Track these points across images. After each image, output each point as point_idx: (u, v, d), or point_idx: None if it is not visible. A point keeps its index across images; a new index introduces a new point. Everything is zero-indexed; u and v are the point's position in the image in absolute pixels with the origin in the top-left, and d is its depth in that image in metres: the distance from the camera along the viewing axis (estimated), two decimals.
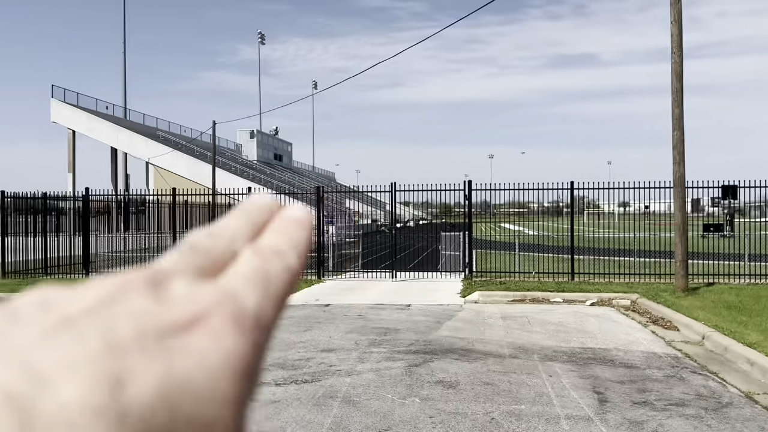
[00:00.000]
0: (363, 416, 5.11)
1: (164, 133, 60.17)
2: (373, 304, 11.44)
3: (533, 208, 39.99)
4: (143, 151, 50.65)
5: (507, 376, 6.37)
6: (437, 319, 9.83)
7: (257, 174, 63.30)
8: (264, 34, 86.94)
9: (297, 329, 9.00)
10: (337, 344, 7.93)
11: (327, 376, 6.39)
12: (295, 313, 10.59)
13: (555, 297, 12.20)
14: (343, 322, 9.53)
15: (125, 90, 55.92)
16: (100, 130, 49.67)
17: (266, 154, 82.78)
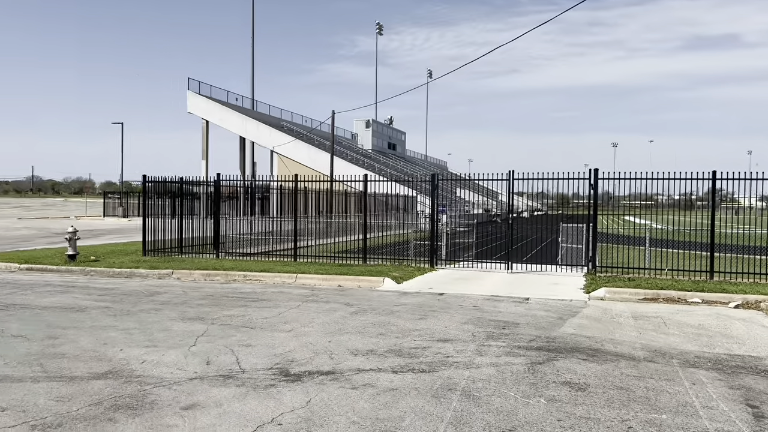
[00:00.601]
0: (484, 413, 4.86)
1: (287, 123, 63.01)
2: (489, 296, 11.08)
3: (661, 201, 36.66)
4: (268, 140, 53.39)
5: (643, 381, 5.81)
6: (559, 315, 9.28)
7: (372, 162, 64.42)
8: (382, 25, 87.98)
9: (411, 317, 8.91)
10: (452, 335, 7.73)
11: (444, 367, 6.21)
12: (408, 300, 10.52)
13: (692, 297, 11.09)
14: (458, 313, 9.30)
15: (253, 83, 59.18)
16: (231, 121, 53.02)
17: (380, 143, 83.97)
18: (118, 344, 7.13)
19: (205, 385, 5.58)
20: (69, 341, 7.26)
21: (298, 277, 13.29)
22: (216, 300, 10.44)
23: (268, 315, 9.03)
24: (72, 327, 8.10)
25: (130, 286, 12.25)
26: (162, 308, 9.57)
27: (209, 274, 13.79)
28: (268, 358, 6.55)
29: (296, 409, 4.92)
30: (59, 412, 4.82)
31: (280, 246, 19.17)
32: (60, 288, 11.78)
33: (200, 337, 7.50)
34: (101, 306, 9.76)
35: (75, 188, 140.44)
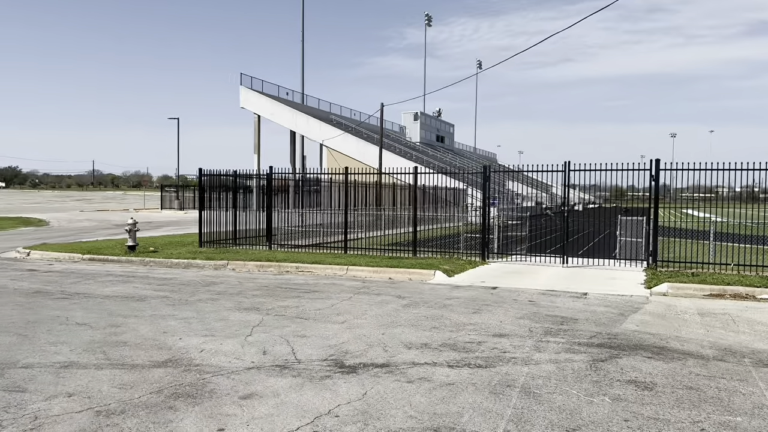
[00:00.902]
0: (546, 411, 4.70)
1: (336, 117, 63.45)
2: (545, 290, 10.79)
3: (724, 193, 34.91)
4: (318, 134, 53.91)
5: (714, 381, 5.49)
6: (620, 311, 8.93)
7: (420, 155, 64.15)
8: (431, 16, 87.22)
9: (465, 311, 8.76)
10: (508, 330, 7.54)
11: (501, 362, 6.05)
12: (461, 294, 10.36)
13: (762, 293, 10.48)
14: (512, 307, 9.08)
15: (303, 77, 59.76)
16: (281, 115, 53.80)
17: (428, 136, 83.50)
18: (178, 333, 7.29)
19: (262, 374, 5.62)
20: (130, 330, 7.48)
21: (349, 269, 13.32)
22: (270, 291, 10.57)
23: (321, 306, 9.06)
24: (133, 316, 8.35)
25: (188, 276, 12.57)
26: (218, 298, 9.76)
27: (263, 266, 14.00)
28: (323, 349, 6.55)
29: (352, 402, 4.88)
30: (122, 399, 4.95)
31: (330, 238, 19.30)
32: (121, 278, 12.20)
33: (256, 327, 7.59)
34: (160, 295, 10.04)
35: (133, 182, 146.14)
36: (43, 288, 10.75)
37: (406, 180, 25.34)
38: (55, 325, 7.74)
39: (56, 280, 11.83)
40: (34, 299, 9.62)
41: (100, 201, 76.77)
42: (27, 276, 12.34)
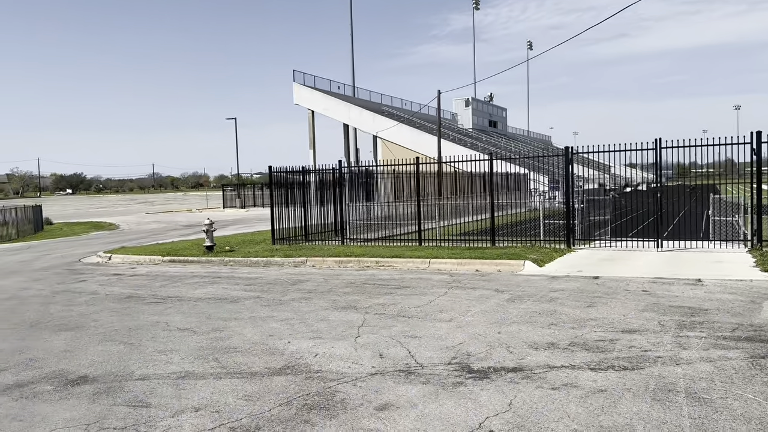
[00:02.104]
0: (729, 420, 4.10)
1: (387, 108, 63.03)
2: (652, 278, 10.01)
3: None
4: (371, 126, 53.67)
5: None
6: (750, 297, 8.12)
7: (474, 141, 62.99)
8: None
9: (576, 304, 8.15)
10: (636, 324, 6.90)
11: (647, 363, 5.46)
12: (563, 285, 9.73)
13: None
14: (627, 299, 8.40)
15: (353, 70, 59.54)
16: (335, 109, 53.81)
17: (481, 122, 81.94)
18: (284, 336, 7.03)
19: (388, 381, 5.24)
20: (235, 334, 7.28)
21: (431, 262, 12.87)
22: (359, 288, 10.25)
23: (419, 303, 8.65)
24: (232, 318, 8.17)
25: (271, 274, 12.43)
26: (310, 297, 9.50)
27: (342, 261, 13.74)
28: (441, 351, 6.12)
29: (500, 413, 4.42)
30: (252, 413, 4.66)
31: (398, 230, 18.93)
32: (207, 279, 12.17)
33: (361, 328, 7.25)
34: (252, 296, 9.88)
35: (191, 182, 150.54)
36: (135, 293, 10.80)
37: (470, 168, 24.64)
38: (158, 331, 7.64)
39: (144, 284, 11.90)
40: (128, 304, 9.63)
41: (162, 202, 79.18)
42: (114, 281, 12.50)
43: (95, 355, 6.59)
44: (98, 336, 7.47)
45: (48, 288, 11.75)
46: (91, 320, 8.48)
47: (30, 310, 9.44)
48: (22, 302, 10.26)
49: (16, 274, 14.30)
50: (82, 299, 10.29)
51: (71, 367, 6.13)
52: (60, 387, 5.52)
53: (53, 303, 10.03)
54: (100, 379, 5.71)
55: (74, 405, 5.01)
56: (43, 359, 6.50)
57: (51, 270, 14.80)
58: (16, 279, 13.35)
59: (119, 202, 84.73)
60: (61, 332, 7.79)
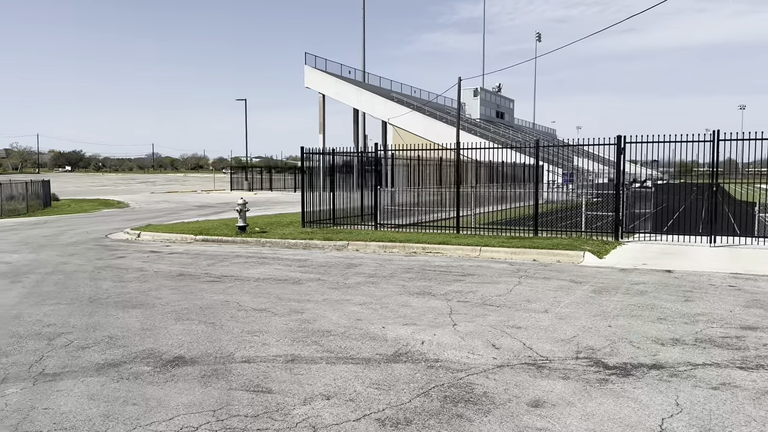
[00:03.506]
0: None
1: (397, 95, 62.33)
2: (729, 273, 9.64)
3: None
4: (383, 112, 53.04)
5: None
6: None
7: (483, 131, 62.49)
8: None
9: (672, 298, 7.76)
10: (751, 321, 6.51)
11: None
12: (639, 278, 9.33)
13: None
14: (720, 294, 8.01)
15: (364, 56, 58.79)
16: (346, 94, 53.12)
17: (488, 112, 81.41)
18: (373, 321, 6.61)
19: (522, 374, 4.83)
20: (319, 317, 6.85)
21: (482, 250, 12.45)
22: (421, 273, 9.82)
23: (498, 292, 8.24)
24: (305, 300, 7.74)
25: (318, 257, 11.98)
26: (376, 281, 9.07)
27: (386, 246, 13.31)
28: (558, 344, 5.71)
29: (675, 414, 4.02)
30: (391, 403, 4.25)
31: (425, 216, 18.53)
32: (253, 259, 11.71)
33: (452, 315, 6.83)
34: (312, 278, 9.44)
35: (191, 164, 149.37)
36: (184, 270, 10.34)
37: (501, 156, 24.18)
38: (232, 311, 7.20)
39: (189, 262, 11.44)
40: (184, 282, 9.17)
41: (163, 183, 78.41)
42: (155, 258, 12.02)
43: (179, 334, 6.14)
44: (171, 314, 7.03)
45: (89, 263, 11.27)
46: (153, 297, 8.03)
47: (81, 285, 8.97)
48: (68, 277, 9.79)
49: (46, 248, 13.79)
50: (131, 276, 9.82)
51: (160, 347, 5.69)
52: (159, 368, 5.08)
53: (102, 279, 9.56)
54: (199, 360, 5.27)
55: (186, 389, 4.58)
56: (124, 337, 6.06)
57: (81, 245, 14.30)
58: (50, 253, 12.85)
59: (120, 181, 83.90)
60: (127, 309, 7.34)
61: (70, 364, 5.22)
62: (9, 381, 4.79)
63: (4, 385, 4.71)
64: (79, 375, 4.92)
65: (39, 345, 5.80)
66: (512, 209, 19.69)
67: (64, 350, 5.62)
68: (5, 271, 10.37)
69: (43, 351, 5.59)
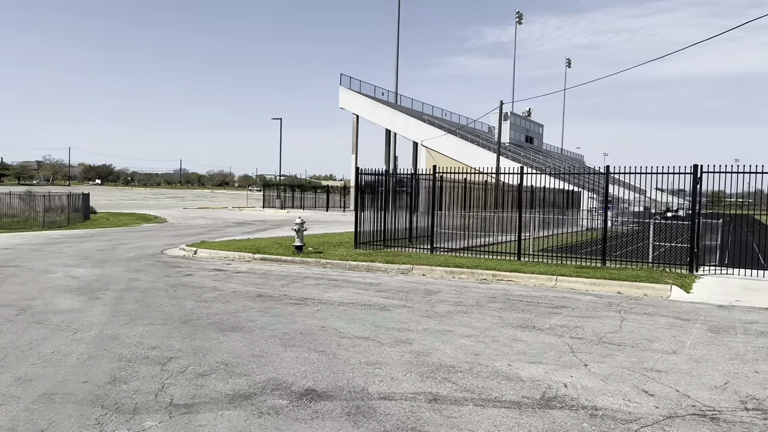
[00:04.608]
0: None
1: (428, 117, 62.34)
2: None
3: None
4: (416, 134, 52.98)
5: None
6: None
7: (514, 155, 62.07)
8: (521, 14, 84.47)
9: None
10: None
11: None
12: (747, 317, 8.76)
13: None
14: None
15: (397, 78, 59.04)
16: (380, 115, 53.25)
17: (518, 136, 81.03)
18: (492, 356, 6.18)
19: (702, 428, 4.37)
20: (431, 349, 6.45)
21: (558, 279, 11.97)
22: (509, 304, 9.38)
23: (607, 328, 7.76)
24: (404, 329, 7.35)
25: (390, 281, 11.61)
26: (467, 311, 8.65)
27: (453, 272, 12.89)
28: (713, 391, 5.23)
29: None
30: None
31: (477, 241, 18.12)
32: (324, 281, 11.38)
33: (576, 354, 6.37)
34: (396, 304, 9.06)
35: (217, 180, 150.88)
36: (261, 291, 10.03)
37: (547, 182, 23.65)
38: (335, 338, 6.83)
39: (260, 282, 11.14)
40: (267, 304, 8.85)
41: (192, 199, 79.05)
42: (224, 277, 11.76)
43: (295, 363, 5.79)
44: (273, 340, 6.68)
45: (159, 281, 11.04)
46: (245, 320, 7.71)
47: (164, 305, 8.70)
48: (145, 294, 9.54)
49: (107, 263, 13.64)
50: (210, 295, 9.54)
51: (283, 377, 5.33)
52: (295, 401, 4.72)
53: (181, 298, 9.29)
54: (334, 394, 4.90)
55: (338, 428, 4.20)
56: (239, 364, 5.72)
57: (142, 261, 14.12)
58: (115, 268, 12.67)
59: (149, 196, 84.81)
60: (225, 332, 7.02)
61: (198, 393, 4.88)
62: (142, 412, 4.47)
63: (139, 417, 4.38)
64: (213, 407, 4.58)
65: (153, 371, 5.48)
66: (562, 235, 19.19)
67: (183, 377, 5.30)
68: (79, 287, 10.16)
69: (162, 378, 5.27)
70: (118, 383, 5.11)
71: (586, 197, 39.56)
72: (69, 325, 7.25)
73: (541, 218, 20.27)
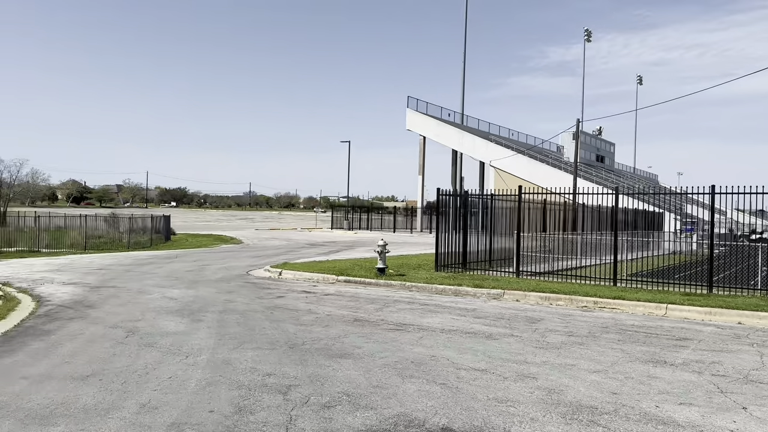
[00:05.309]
0: None
1: (495, 137, 61.47)
2: None
3: None
4: (484, 154, 52.29)
5: None
6: None
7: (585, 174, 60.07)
8: (590, 31, 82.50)
9: None
10: None
11: None
12: None
13: None
14: None
15: (463, 98, 58.55)
16: (447, 135, 52.93)
17: (588, 155, 78.50)
18: (632, 395, 5.60)
19: None
20: (560, 385, 5.94)
21: (668, 308, 11.10)
22: (624, 335, 8.69)
23: (748, 365, 6.97)
24: (521, 361, 6.86)
25: (484, 307, 11.12)
26: (582, 342, 8.05)
27: (548, 298, 12.24)
28: None
29: None
30: None
31: (561, 263, 17.26)
32: (416, 305, 11.03)
33: (727, 395, 5.69)
34: (502, 333, 8.57)
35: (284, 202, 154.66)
36: (357, 315, 9.79)
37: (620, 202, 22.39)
38: (450, 368, 6.44)
39: (352, 305, 10.92)
40: (367, 329, 8.58)
41: (261, 220, 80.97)
42: (314, 300, 11.62)
43: (420, 396, 5.43)
44: (387, 369, 6.37)
45: (254, 302, 11.02)
46: (349, 346, 7.45)
47: (266, 328, 8.59)
48: (245, 317, 9.49)
49: (199, 284, 13.84)
50: (307, 319, 9.38)
51: (412, 412, 4.98)
52: None
53: (280, 321, 9.17)
54: None
55: None
56: (360, 395, 5.42)
57: (231, 282, 14.26)
58: (207, 289, 12.82)
59: (221, 217, 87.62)
60: (334, 358, 6.78)
61: (329, 428, 4.60)
62: None
63: None
64: None
65: (276, 400, 5.27)
66: (649, 258, 18.02)
67: (308, 408, 5.05)
68: (178, 308, 10.26)
69: (287, 409, 5.04)
70: (245, 413, 4.91)
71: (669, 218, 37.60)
72: (179, 349, 7.21)
73: (635, 240, 19.19)
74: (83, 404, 5.13)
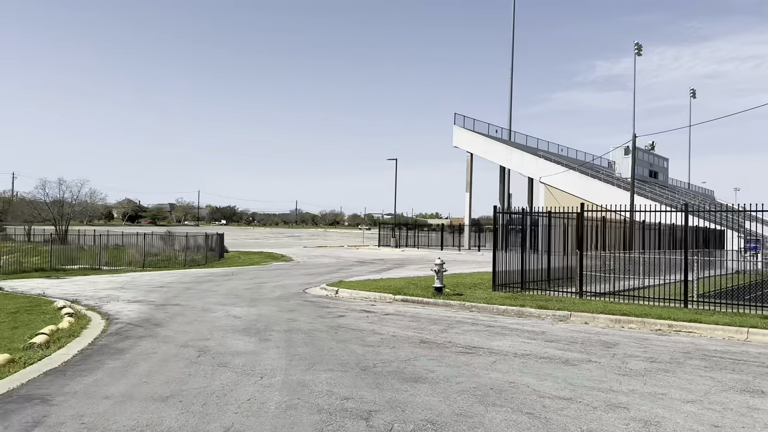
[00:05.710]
0: None
1: (544, 153, 60.52)
2: None
3: None
4: (533, 170, 51.48)
5: None
6: None
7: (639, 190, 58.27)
8: (641, 45, 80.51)
9: None
10: None
11: None
12: None
13: None
14: None
15: (510, 114, 58.05)
16: (495, 152, 52.44)
17: (641, 171, 76.19)
18: (738, 428, 5.21)
19: None
20: (656, 416, 5.58)
21: (750, 332, 10.46)
22: (710, 361, 8.19)
23: None
24: (606, 389, 6.51)
25: (553, 329, 10.74)
26: (667, 369, 7.61)
27: (619, 320, 11.74)
28: None
29: None
30: None
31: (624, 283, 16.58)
32: (481, 327, 10.74)
33: None
34: (579, 358, 8.21)
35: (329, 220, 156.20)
36: (423, 337, 9.60)
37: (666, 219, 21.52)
38: (532, 396, 6.16)
39: (415, 326, 10.73)
40: (436, 352, 8.37)
41: (308, 237, 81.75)
42: (376, 320, 11.50)
43: (508, 427, 5.20)
44: (466, 396, 6.15)
45: (316, 322, 10.98)
46: (422, 369, 7.26)
47: (334, 348, 8.50)
48: (310, 336, 9.43)
49: (259, 302, 13.93)
50: (372, 339, 9.24)
51: None
52: None
53: (346, 341, 9.07)
54: None
55: None
56: (445, 424, 5.23)
57: (290, 300, 14.30)
58: (269, 308, 12.88)
59: (269, 235, 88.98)
60: (409, 382, 6.60)
61: None
62: None
63: None
64: None
65: (359, 426, 5.13)
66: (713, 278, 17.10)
67: None
68: (244, 327, 10.31)
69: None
70: None
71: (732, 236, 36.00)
72: (252, 369, 7.19)
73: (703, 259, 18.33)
74: (168, 427, 5.12)
